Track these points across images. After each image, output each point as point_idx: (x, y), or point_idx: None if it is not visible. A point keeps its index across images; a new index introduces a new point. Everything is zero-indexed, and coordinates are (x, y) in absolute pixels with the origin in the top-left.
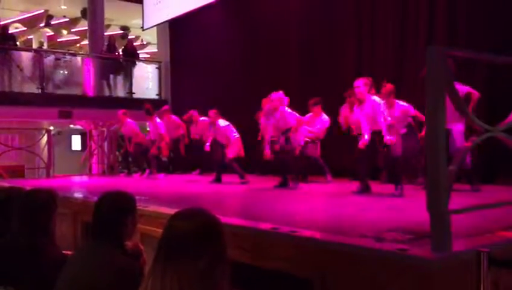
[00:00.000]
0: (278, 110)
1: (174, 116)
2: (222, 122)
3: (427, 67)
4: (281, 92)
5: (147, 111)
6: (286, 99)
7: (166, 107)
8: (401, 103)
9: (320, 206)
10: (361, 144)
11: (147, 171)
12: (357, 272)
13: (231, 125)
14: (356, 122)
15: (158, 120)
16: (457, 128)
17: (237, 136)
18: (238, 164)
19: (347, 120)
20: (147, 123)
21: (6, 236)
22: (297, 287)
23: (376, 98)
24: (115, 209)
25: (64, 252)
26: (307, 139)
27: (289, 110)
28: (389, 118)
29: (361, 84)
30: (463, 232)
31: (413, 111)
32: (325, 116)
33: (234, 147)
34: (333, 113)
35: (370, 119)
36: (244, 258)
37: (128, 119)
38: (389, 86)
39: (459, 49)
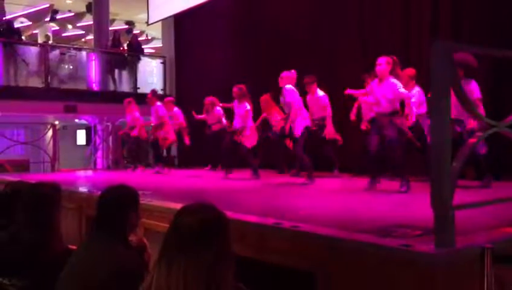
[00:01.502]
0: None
1: (176, 108)
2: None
3: (432, 63)
4: (293, 71)
5: (154, 93)
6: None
7: (170, 98)
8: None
9: (324, 201)
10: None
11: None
12: (360, 267)
13: None
14: (369, 103)
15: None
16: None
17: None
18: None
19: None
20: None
21: (11, 229)
22: (300, 282)
23: (395, 80)
24: (118, 204)
25: (69, 246)
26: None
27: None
28: (413, 99)
29: (383, 62)
30: (467, 228)
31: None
32: (320, 93)
33: (253, 136)
34: (337, 106)
35: (387, 99)
36: (247, 253)
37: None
38: (408, 70)
39: (464, 44)
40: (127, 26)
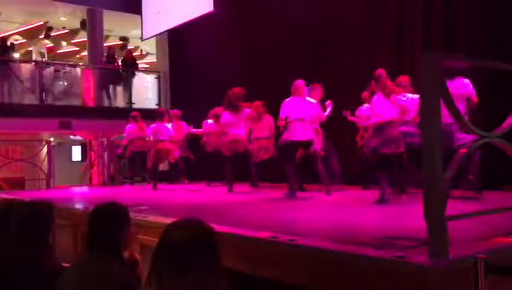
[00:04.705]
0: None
1: (182, 122)
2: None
3: (421, 75)
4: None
5: (161, 115)
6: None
7: (176, 111)
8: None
9: (319, 214)
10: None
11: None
12: (355, 280)
13: None
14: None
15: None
16: None
17: None
18: None
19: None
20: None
21: (4, 248)
22: None
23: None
24: (108, 221)
25: (63, 264)
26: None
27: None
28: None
29: (384, 74)
30: (460, 238)
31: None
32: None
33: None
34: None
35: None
36: (242, 267)
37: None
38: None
39: (455, 55)
40: (121, 42)
